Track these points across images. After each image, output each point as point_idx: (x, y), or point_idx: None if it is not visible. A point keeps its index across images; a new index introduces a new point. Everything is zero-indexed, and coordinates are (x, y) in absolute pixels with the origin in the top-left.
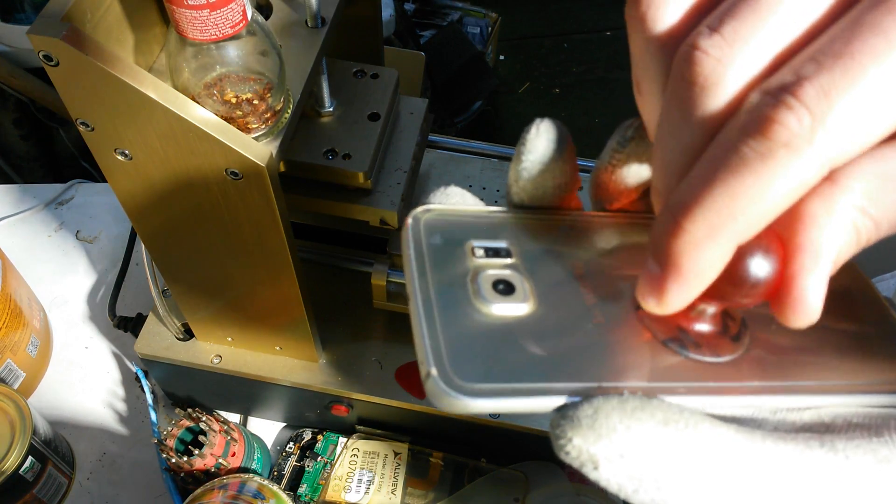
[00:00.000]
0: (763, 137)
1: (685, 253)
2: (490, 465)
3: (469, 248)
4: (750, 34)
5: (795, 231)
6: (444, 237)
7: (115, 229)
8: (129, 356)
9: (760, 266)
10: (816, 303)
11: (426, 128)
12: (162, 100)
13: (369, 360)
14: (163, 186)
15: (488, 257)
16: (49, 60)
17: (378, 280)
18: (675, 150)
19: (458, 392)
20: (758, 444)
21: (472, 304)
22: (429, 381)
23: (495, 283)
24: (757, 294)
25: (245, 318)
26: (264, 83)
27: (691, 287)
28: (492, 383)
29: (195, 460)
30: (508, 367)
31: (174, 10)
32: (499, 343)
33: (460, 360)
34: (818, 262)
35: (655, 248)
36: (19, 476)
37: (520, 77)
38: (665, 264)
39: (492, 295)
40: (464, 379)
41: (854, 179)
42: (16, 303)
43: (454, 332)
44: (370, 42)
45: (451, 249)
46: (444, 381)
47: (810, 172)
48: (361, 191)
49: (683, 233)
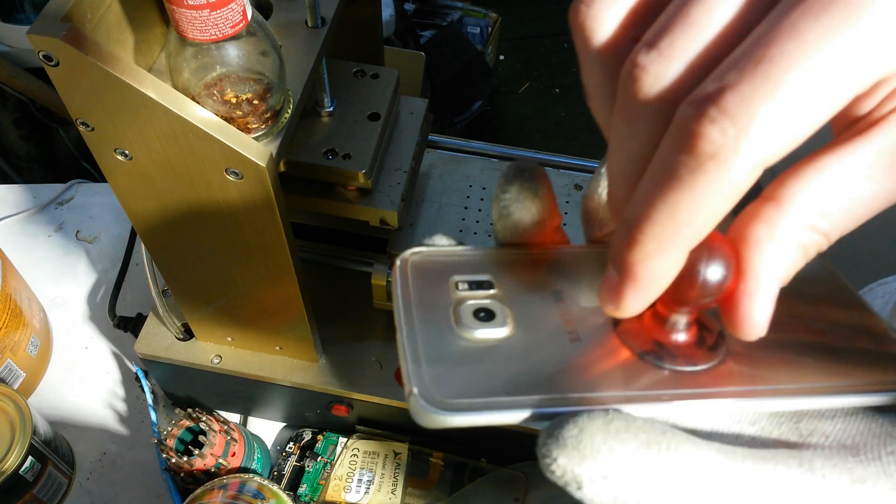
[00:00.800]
0: (691, 153)
1: (638, 262)
2: (490, 465)
3: (453, 283)
4: (686, 46)
5: (741, 255)
6: (429, 274)
7: (115, 229)
8: (129, 356)
9: (714, 272)
10: (761, 320)
11: (426, 128)
12: (162, 100)
13: (369, 360)
14: (163, 186)
15: (471, 289)
16: (49, 60)
17: (378, 280)
18: (624, 161)
19: (437, 408)
20: (737, 464)
21: (454, 330)
22: (411, 400)
23: (476, 311)
24: (713, 296)
25: (245, 318)
26: (264, 83)
27: (646, 292)
28: (470, 398)
29: (195, 460)
30: (487, 384)
31: (174, 10)
32: (478, 364)
33: (441, 381)
34: (760, 285)
35: (613, 257)
36: (19, 476)
37: (520, 77)
38: (622, 272)
39: (473, 322)
40: (444, 396)
41: (798, 197)
42: (16, 303)
43: (436, 355)
44: (370, 42)
45: (436, 285)
46: (425, 399)
47: (742, 177)
48: (361, 191)
49: (636, 245)
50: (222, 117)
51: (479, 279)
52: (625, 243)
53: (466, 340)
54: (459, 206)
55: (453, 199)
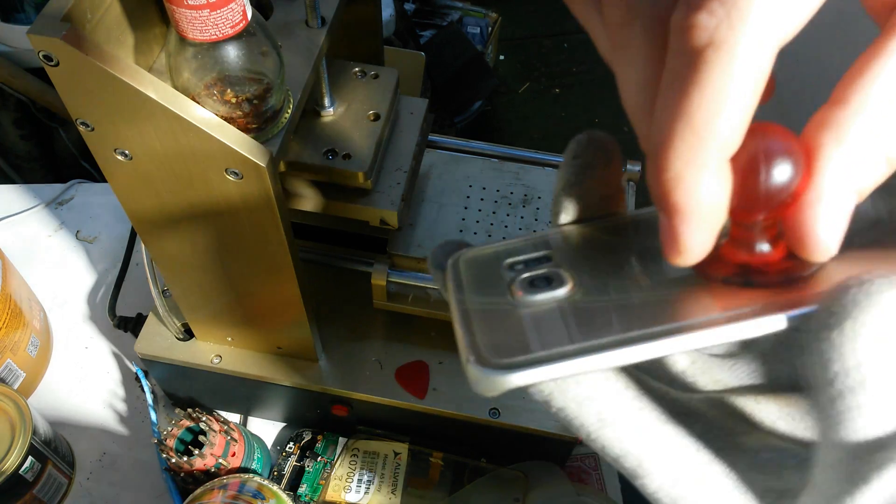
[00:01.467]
0: (688, 47)
1: (675, 189)
2: (490, 465)
3: (506, 265)
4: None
5: (809, 167)
6: (481, 262)
7: (115, 229)
8: (129, 356)
9: (776, 167)
10: (829, 239)
11: (426, 128)
12: (162, 100)
13: (369, 361)
14: (163, 186)
15: (526, 267)
16: (49, 60)
17: (378, 280)
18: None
19: (496, 370)
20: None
21: (511, 301)
22: (468, 369)
23: (533, 280)
24: (781, 194)
25: (245, 318)
26: (264, 83)
27: (702, 222)
28: (533, 354)
29: (195, 460)
30: (550, 340)
31: (174, 10)
32: (540, 326)
33: (499, 347)
34: (826, 193)
35: (656, 199)
36: (19, 476)
37: (520, 77)
38: (667, 210)
39: (530, 290)
40: (502, 357)
41: (864, 93)
42: (16, 303)
43: (492, 327)
44: (370, 42)
45: (488, 269)
46: (481, 363)
47: (749, 58)
48: (361, 191)
49: (665, 171)
50: (222, 117)
51: (533, 257)
52: (656, 175)
53: (525, 307)
54: (459, 206)
55: (453, 199)
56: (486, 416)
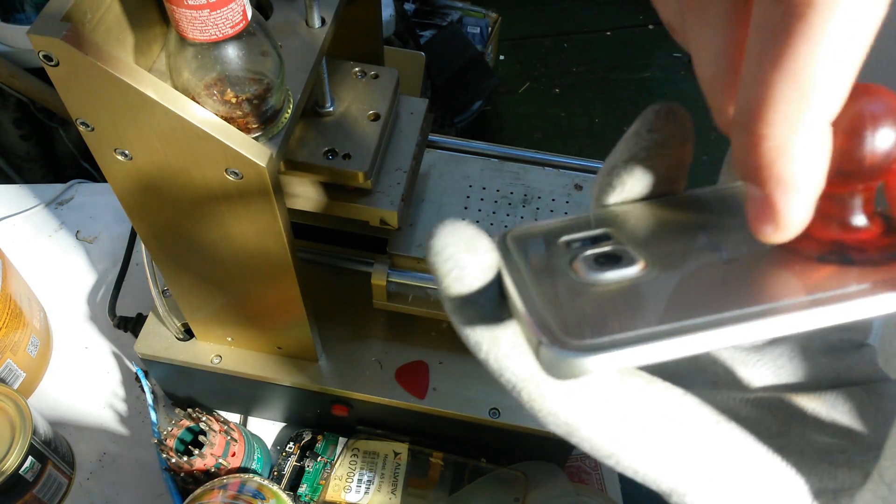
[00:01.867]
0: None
1: (779, 158)
2: (490, 465)
3: (563, 244)
4: None
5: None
6: (535, 242)
7: (115, 229)
8: (129, 356)
9: (886, 137)
10: None
11: (426, 128)
12: (162, 100)
13: (369, 360)
14: (163, 186)
15: (585, 245)
16: (49, 60)
17: (378, 280)
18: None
19: (576, 352)
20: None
21: (576, 281)
22: (542, 353)
23: (598, 258)
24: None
25: (245, 318)
26: (264, 83)
27: (806, 193)
28: (609, 336)
29: (195, 460)
30: (630, 319)
31: (174, 10)
32: (612, 306)
33: (571, 328)
34: None
35: (746, 169)
36: (19, 476)
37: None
38: (766, 181)
39: (596, 267)
40: (578, 339)
41: None
42: (16, 303)
43: (561, 309)
44: (370, 42)
45: (542, 248)
46: (558, 346)
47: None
48: (361, 191)
49: (765, 138)
50: (222, 117)
51: (592, 235)
52: (752, 146)
53: (593, 286)
54: (459, 206)
55: (453, 199)
56: (486, 416)
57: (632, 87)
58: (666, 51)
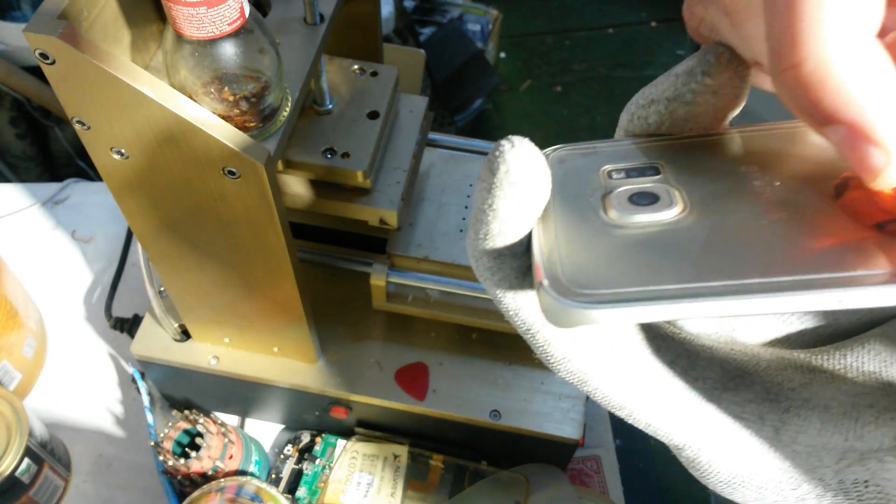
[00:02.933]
0: None
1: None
2: (491, 468)
3: (604, 173)
4: None
5: None
6: (575, 166)
7: (111, 229)
8: (125, 357)
9: None
10: None
11: (426, 126)
12: (159, 98)
13: (368, 362)
14: (159, 186)
15: (628, 177)
16: (45, 58)
17: (377, 281)
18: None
19: (576, 301)
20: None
21: (603, 219)
22: (540, 294)
23: (633, 195)
24: None
25: (243, 319)
26: (262, 81)
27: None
28: (625, 289)
29: (192, 463)
30: (648, 272)
31: (171, 7)
32: (636, 252)
33: (584, 273)
34: None
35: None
36: (15, 478)
37: (521, 75)
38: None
39: (629, 207)
40: (584, 288)
41: None
42: (11, 303)
43: (577, 245)
44: (369, 39)
45: (582, 175)
46: (557, 291)
47: None
48: (360, 190)
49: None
50: (220, 115)
51: (638, 165)
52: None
53: (620, 228)
54: (459, 206)
55: (453, 198)
56: (486, 418)
57: (634, 84)
58: (669, 48)
